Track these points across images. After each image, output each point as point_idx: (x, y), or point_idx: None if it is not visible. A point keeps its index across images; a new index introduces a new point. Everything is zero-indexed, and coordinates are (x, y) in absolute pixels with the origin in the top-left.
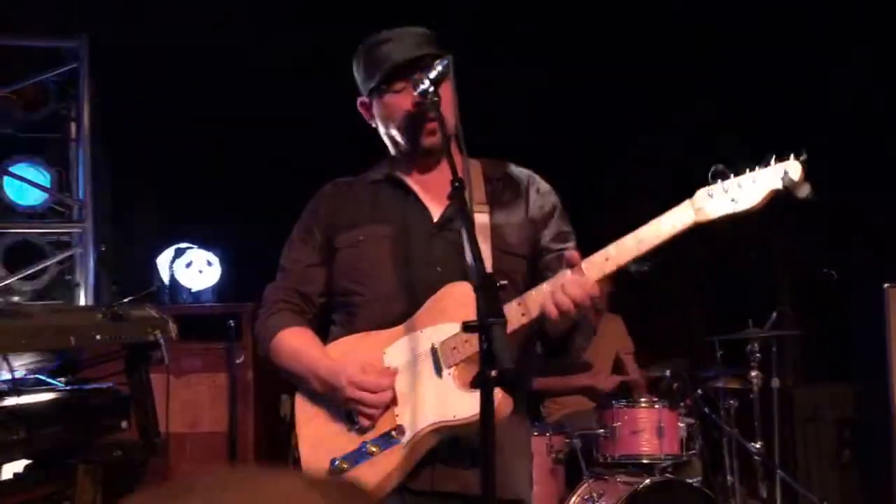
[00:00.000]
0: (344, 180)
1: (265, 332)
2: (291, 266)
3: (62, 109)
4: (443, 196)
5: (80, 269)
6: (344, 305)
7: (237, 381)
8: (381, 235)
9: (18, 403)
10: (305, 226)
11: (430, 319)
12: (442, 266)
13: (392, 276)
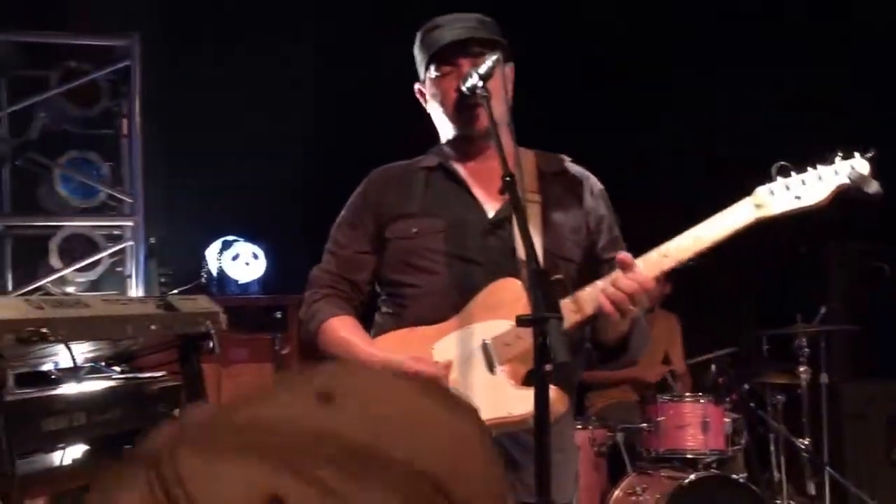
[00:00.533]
0: (394, 166)
1: (312, 318)
2: (340, 251)
3: (114, 106)
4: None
5: (130, 262)
6: (393, 296)
7: (282, 371)
8: (435, 229)
9: (79, 391)
10: (355, 211)
11: (480, 315)
12: (494, 264)
13: (445, 272)
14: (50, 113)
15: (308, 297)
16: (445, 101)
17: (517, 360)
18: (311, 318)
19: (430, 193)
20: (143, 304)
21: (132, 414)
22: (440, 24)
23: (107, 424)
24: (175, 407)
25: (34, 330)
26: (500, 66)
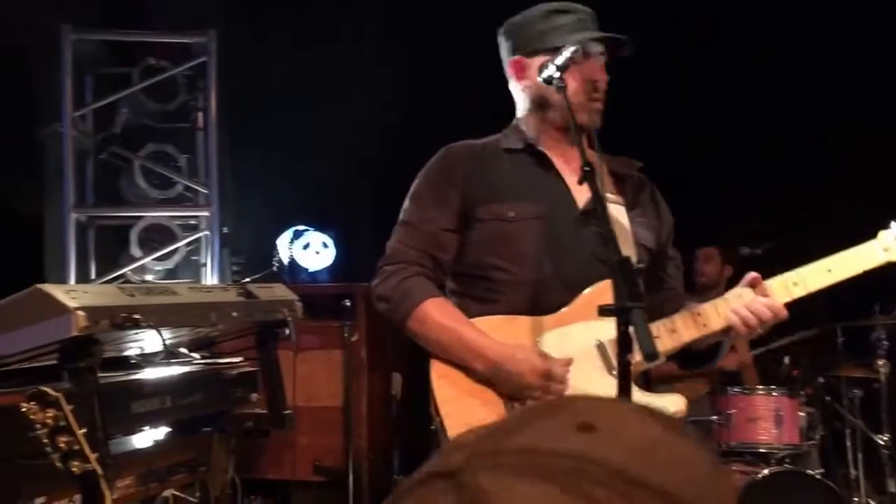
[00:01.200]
0: (472, 144)
1: (403, 298)
2: (424, 226)
3: (191, 100)
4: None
5: (205, 251)
6: (482, 279)
7: (351, 358)
8: (532, 215)
9: (165, 375)
10: (439, 186)
11: (589, 314)
12: (589, 256)
13: (542, 261)
14: (131, 108)
15: (391, 271)
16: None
17: (638, 364)
18: (401, 297)
19: (522, 177)
20: (225, 291)
21: (212, 398)
22: (574, 9)
23: (189, 408)
24: (252, 392)
25: (127, 316)
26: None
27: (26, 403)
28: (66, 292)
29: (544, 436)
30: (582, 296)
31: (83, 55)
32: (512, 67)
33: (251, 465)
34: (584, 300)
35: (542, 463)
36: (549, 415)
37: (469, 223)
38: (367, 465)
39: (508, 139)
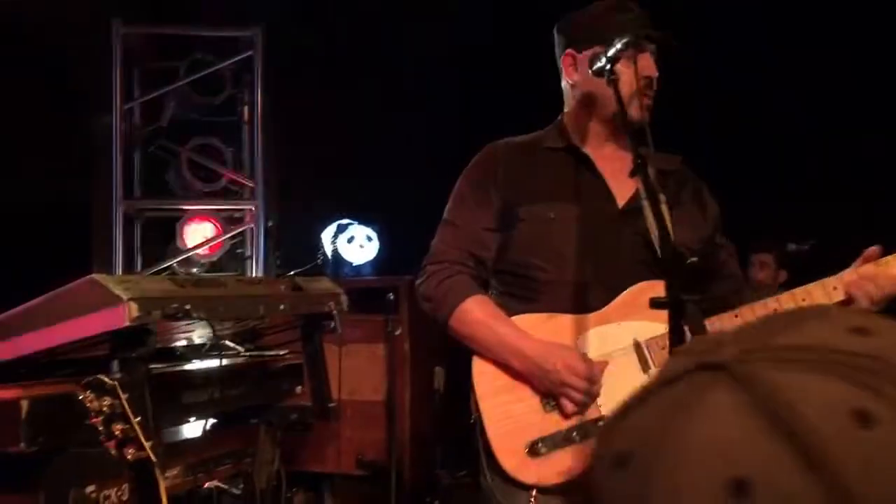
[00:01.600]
0: (515, 142)
1: (445, 296)
2: (466, 226)
3: (237, 94)
4: (621, 177)
5: (250, 243)
6: (522, 278)
7: (394, 352)
8: (569, 215)
9: (213, 366)
10: (480, 185)
11: (628, 313)
12: (627, 255)
13: (580, 261)
14: (178, 101)
15: (433, 271)
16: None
17: None
18: (443, 296)
19: (562, 177)
20: (272, 284)
21: (258, 389)
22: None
23: (236, 399)
24: (297, 384)
25: (178, 307)
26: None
27: (83, 391)
28: (119, 283)
29: (822, 335)
30: (621, 296)
31: (132, 49)
32: (563, 62)
33: (293, 458)
34: (624, 300)
35: (831, 360)
36: (819, 317)
37: (510, 222)
38: (409, 458)
39: (551, 137)
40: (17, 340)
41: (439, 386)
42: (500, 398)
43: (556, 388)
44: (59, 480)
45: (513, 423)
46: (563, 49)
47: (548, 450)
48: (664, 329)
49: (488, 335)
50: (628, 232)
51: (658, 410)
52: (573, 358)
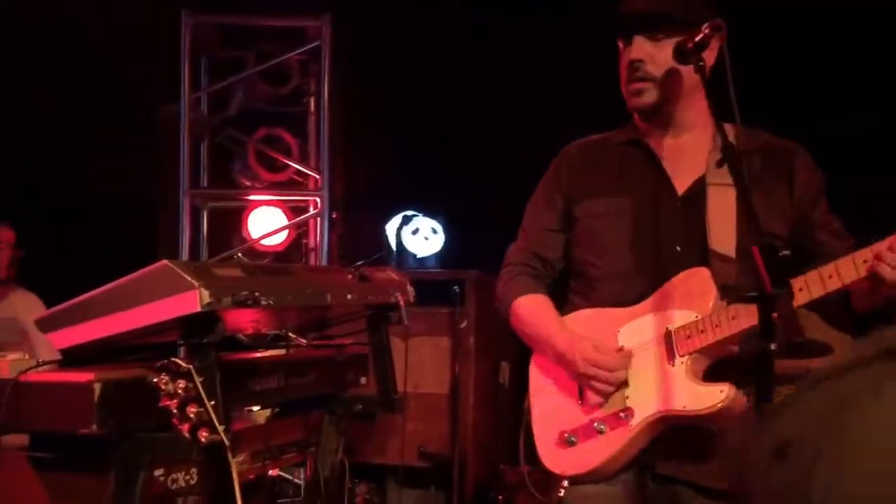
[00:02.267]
0: (589, 141)
1: (505, 296)
2: (532, 229)
3: (304, 85)
4: (690, 165)
5: (314, 234)
6: (581, 275)
7: (459, 345)
8: (622, 209)
9: (280, 355)
10: (548, 188)
11: (666, 303)
12: (683, 245)
13: (631, 253)
14: (245, 92)
15: (501, 274)
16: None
17: (698, 354)
18: (503, 297)
19: (620, 171)
20: (340, 273)
21: (324, 379)
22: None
23: (301, 388)
24: (362, 375)
25: (248, 294)
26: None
27: (158, 375)
28: (192, 268)
29: None
30: (664, 286)
31: (200, 39)
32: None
33: (356, 449)
34: (665, 290)
35: None
36: None
37: (571, 222)
38: (472, 453)
39: (621, 133)
40: (89, 324)
41: (504, 381)
42: (546, 392)
43: (579, 381)
44: (129, 463)
45: (552, 415)
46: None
47: (577, 440)
48: (695, 317)
49: (532, 331)
50: (686, 221)
51: (832, 398)
52: (589, 350)
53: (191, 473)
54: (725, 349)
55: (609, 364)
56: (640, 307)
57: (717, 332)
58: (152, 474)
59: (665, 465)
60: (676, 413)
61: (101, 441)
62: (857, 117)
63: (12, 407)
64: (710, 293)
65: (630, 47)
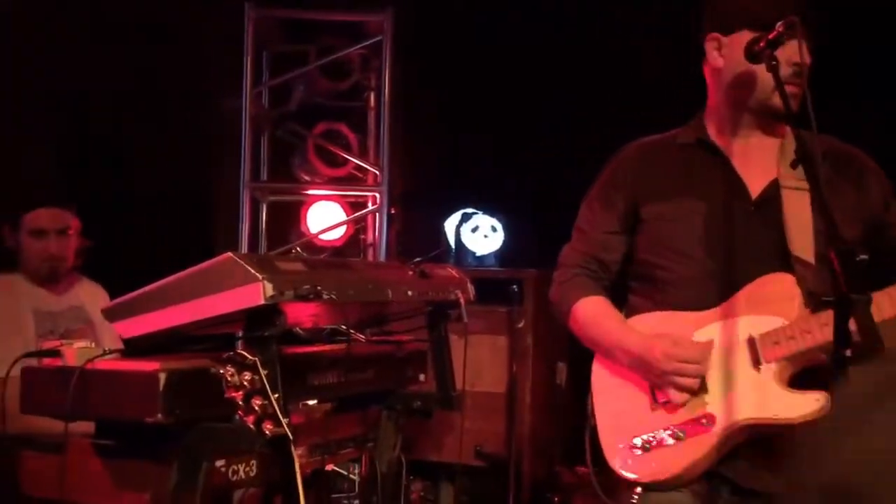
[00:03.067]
0: (648, 141)
1: (563, 299)
2: (590, 231)
3: (364, 79)
4: (762, 167)
5: (373, 230)
6: (648, 278)
7: (517, 345)
8: (693, 211)
9: (340, 349)
10: (607, 190)
11: (747, 308)
12: (758, 249)
13: (703, 257)
14: (306, 86)
15: (557, 276)
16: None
17: (786, 361)
18: (561, 300)
19: (688, 173)
20: (400, 269)
21: (382, 375)
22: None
23: (360, 383)
24: (421, 371)
25: (310, 287)
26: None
27: (224, 366)
28: (255, 261)
29: None
30: (743, 290)
31: (262, 32)
32: (707, 46)
33: (412, 446)
34: (744, 295)
35: None
36: None
37: (635, 224)
38: (528, 453)
39: (685, 133)
40: (155, 314)
41: (561, 381)
42: (612, 394)
43: (660, 379)
44: (193, 453)
45: (621, 419)
46: (707, 31)
47: (653, 447)
48: (780, 323)
49: (597, 333)
50: (761, 224)
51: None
52: (669, 344)
53: (251, 465)
54: (814, 357)
55: (692, 355)
56: (715, 312)
57: (809, 338)
58: (214, 465)
59: (744, 475)
60: (766, 421)
61: (165, 430)
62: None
63: (79, 394)
64: (795, 298)
65: (795, 45)
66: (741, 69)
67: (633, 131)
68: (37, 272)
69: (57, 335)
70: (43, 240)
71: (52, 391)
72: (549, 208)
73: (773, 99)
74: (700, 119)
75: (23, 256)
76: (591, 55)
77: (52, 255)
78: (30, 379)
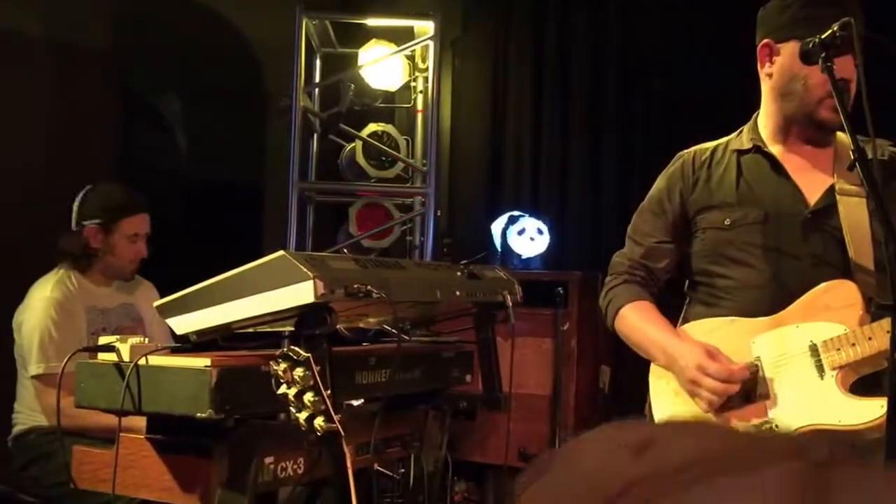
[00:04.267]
0: (702, 149)
1: (609, 304)
2: (640, 239)
3: (412, 82)
4: (818, 175)
5: (419, 231)
6: (704, 286)
7: (562, 347)
8: (750, 220)
9: (388, 349)
10: (658, 199)
11: (807, 314)
12: (815, 257)
13: (762, 265)
14: (355, 88)
15: (606, 283)
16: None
17: (849, 368)
18: (607, 305)
19: (744, 180)
20: (449, 270)
21: (429, 375)
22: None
23: (408, 383)
24: (467, 372)
25: (360, 286)
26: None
27: (276, 363)
28: (307, 260)
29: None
30: (803, 297)
31: (314, 36)
32: (760, 52)
33: (455, 446)
34: (805, 301)
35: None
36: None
37: (691, 232)
38: None
39: (740, 139)
40: (208, 311)
41: (604, 385)
42: (671, 399)
43: (687, 387)
44: (242, 449)
45: None
46: (761, 38)
47: None
48: (843, 331)
49: (640, 336)
50: (818, 231)
51: None
52: (704, 357)
53: (298, 462)
54: (876, 363)
55: (721, 373)
56: (775, 318)
57: (871, 345)
58: (263, 461)
59: None
60: (829, 427)
61: (216, 426)
62: None
63: (132, 389)
64: (856, 305)
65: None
66: (793, 77)
67: (682, 136)
68: (122, 272)
69: (109, 332)
70: (137, 243)
71: (106, 386)
72: (595, 212)
73: (819, 111)
74: (754, 125)
75: (112, 257)
76: (640, 58)
77: (141, 258)
78: (85, 374)
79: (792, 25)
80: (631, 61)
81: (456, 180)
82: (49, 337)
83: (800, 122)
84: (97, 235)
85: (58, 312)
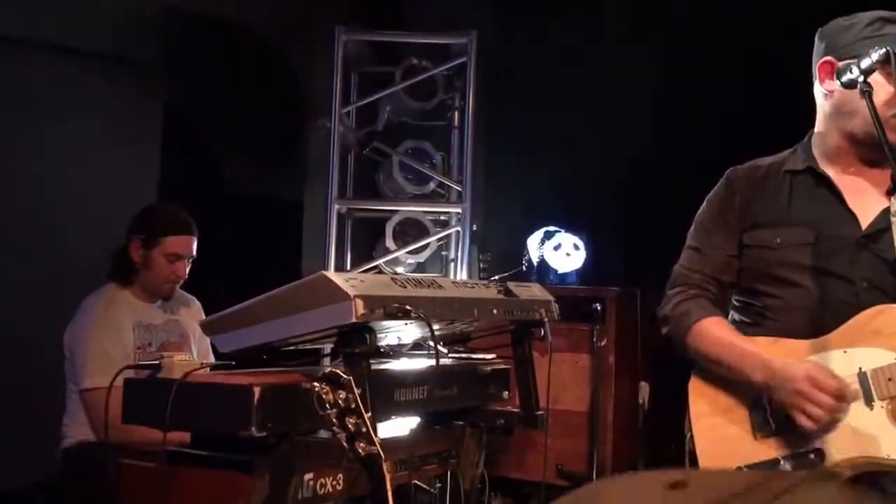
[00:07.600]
0: (756, 165)
1: (682, 317)
2: (710, 252)
3: (448, 99)
4: (871, 198)
5: (455, 247)
6: (750, 305)
7: (599, 363)
8: (801, 241)
9: (426, 366)
10: (722, 211)
11: (855, 339)
12: (867, 282)
13: (811, 287)
14: (392, 106)
15: (672, 294)
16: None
17: None
18: (679, 317)
19: (796, 201)
20: (486, 288)
21: (466, 392)
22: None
23: (445, 400)
24: (504, 389)
25: (399, 306)
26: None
27: (319, 384)
28: (347, 280)
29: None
30: (851, 320)
31: (351, 55)
32: (820, 69)
33: (493, 463)
34: (852, 326)
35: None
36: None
37: (741, 249)
38: (611, 472)
39: (793, 159)
40: (250, 329)
41: (644, 401)
42: (713, 420)
43: (794, 400)
44: (284, 466)
45: (723, 446)
46: (821, 55)
47: None
48: (892, 357)
49: (729, 352)
50: (870, 255)
51: None
52: (819, 371)
53: (337, 479)
54: None
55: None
56: (821, 341)
57: None
58: (303, 478)
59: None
60: (878, 462)
61: (258, 443)
62: None
63: (177, 406)
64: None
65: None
66: (846, 96)
67: (715, 155)
68: (158, 290)
69: (155, 347)
70: (176, 264)
71: (152, 402)
72: (632, 227)
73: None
74: (808, 144)
75: (149, 273)
76: (672, 71)
77: (179, 279)
78: (131, 389)
79: (857, 43)
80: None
81: (493, 195)
82: (98, 352)
83: (859, 139)
84: (138, 249)
85: (106, 328)
